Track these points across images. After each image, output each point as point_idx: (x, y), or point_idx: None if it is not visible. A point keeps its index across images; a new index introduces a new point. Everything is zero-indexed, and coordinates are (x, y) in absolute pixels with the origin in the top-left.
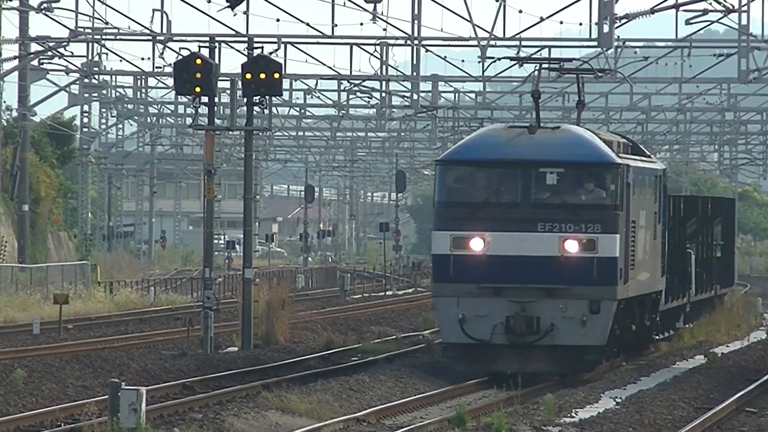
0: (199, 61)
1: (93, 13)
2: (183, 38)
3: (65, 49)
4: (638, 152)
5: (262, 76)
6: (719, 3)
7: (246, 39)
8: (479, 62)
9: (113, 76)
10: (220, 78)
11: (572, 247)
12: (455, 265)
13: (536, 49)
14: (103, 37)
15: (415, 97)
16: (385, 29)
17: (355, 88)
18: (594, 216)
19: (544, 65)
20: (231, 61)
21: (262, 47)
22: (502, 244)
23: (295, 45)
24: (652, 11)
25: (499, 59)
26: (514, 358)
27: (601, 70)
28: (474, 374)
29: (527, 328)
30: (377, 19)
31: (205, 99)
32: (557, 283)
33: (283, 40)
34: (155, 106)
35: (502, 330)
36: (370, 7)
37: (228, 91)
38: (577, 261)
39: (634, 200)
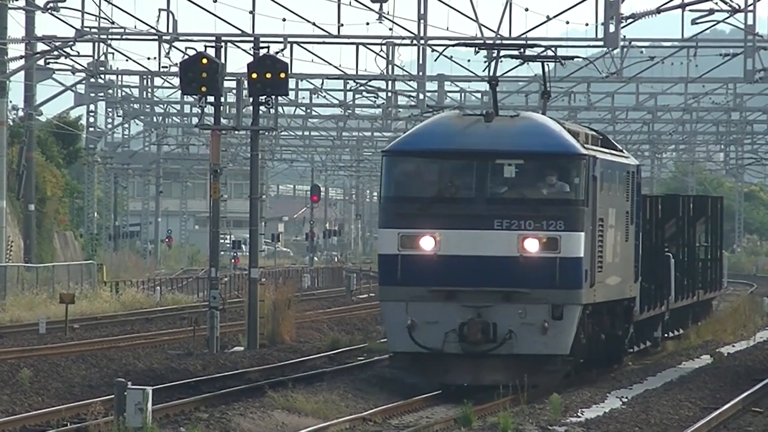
0: (205, 61)
1: (99, 13)
2: (189, 38)
3: (71, 49)
4: (609, 146)
5: (268, 75)
6: (725, 3)
7: (252, 39)
8: (485, 62)
9: (119, 76)
10: (226, 78)
11: (532, 246)
12: (403, 266)
13: (541, 49)
14: (110, 36)
15: (421, 96)
16: (391, 29)
17: (361, 88)
18: (556, 212)
19: (503, 51)
20: (237, 60)
21: (268, 47)
22: (454, 243)
23: (301, 45)
24: (658, 11)
25: (455, 45)
26: (468, 369)
27: (566, 56)
28: (426, 387)
29: (483, 336)
30: (383, 18)
31: (211, 98)
32: (516, 285)
33: (289, 39)
34: (161, 106)
35: (455, 338)
36: (376, 6)
37: (234, 91)
38: (538, 262)
39: (602, 196)
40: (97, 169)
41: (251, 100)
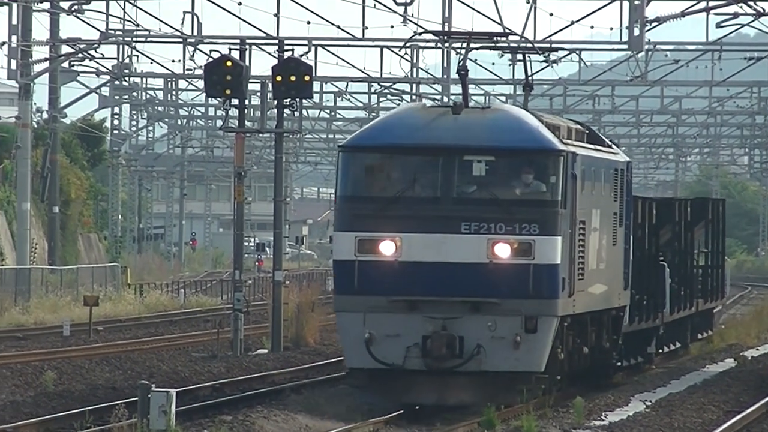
0: (229, 64)
1: (124, 15)
2: (213, 40)
3: (96, 51)
4: (596, 141)
5: (293, 78)
6: (750, 6)
7: (276, 41)
8: (510, 65)
9: (144, 78)
10: (250, 80)
11: (503, 251)
12: (361, 273)
13: (566, 53)
14: (134, 39)
15: (445, 99)
16: (415, 32)
17: (386, 91)
18: (530, 214)
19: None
20: (261, 63)
21: (292, 49)
22: (417, 248)
23: (326, 47)
24: (683, 14)
25: (419, 34)
26: (432, 387)
27: (545, 48)
28: (386, 407)
29: (448, 351)
30: (408, 21)
31: (235, 101)
32: (485, 295)
33: (314, 42)
34: (186, 109)
35: (418, 353)
36: (400, 9)
37: (258, 94)
38: (510, 269)
39: (583, 196)
40: (122, 171)
41: (275, 102)
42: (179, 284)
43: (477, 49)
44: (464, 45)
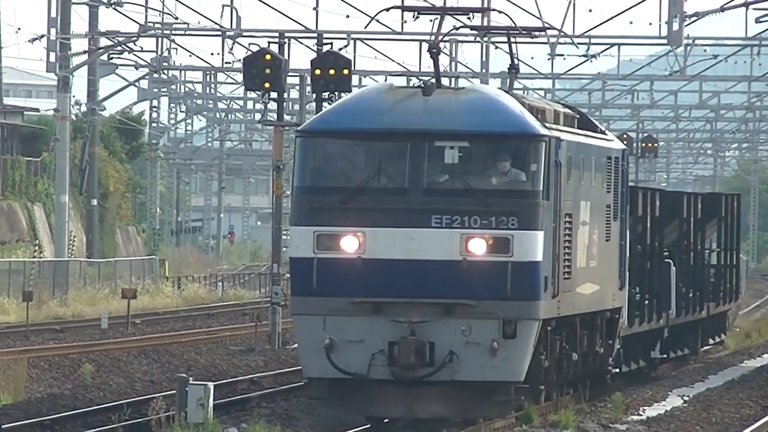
0: (268, 57)
1: (162, 8)
2: (252, 34)
3: (135, 44)
4: (588, 126)
5: (331, 72)
6: None
7: (315, 35)
8: (548, 59)
9: (182, 72)
10: (289, 74)
11: (478, 247)
12: (320, 272)
13: (605, 47)
14: (173, 32)
15: None
16: (454, 26)
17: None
18: (508, 206)
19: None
20: (300, 56)
21: (331, 43)
22: (383, 244)
23: (365, 41)
24: (722, 9)
25: (386, 10)
26: (400, 399)
27: (531, 28)
28: (350, 421)
29: (417, 359)
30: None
31: (274, 95)
32: (458, 296)
33: (353, 36)
34: (224, 102)
35: (384, 360)
36: (439, 3)
37: (297, 87)
38: (485, 267)
39: (569, 187)
40: (160, 164)
41: (314, 96)
42: (217, 277)
43: (456, 30)
44: (486, 35)
